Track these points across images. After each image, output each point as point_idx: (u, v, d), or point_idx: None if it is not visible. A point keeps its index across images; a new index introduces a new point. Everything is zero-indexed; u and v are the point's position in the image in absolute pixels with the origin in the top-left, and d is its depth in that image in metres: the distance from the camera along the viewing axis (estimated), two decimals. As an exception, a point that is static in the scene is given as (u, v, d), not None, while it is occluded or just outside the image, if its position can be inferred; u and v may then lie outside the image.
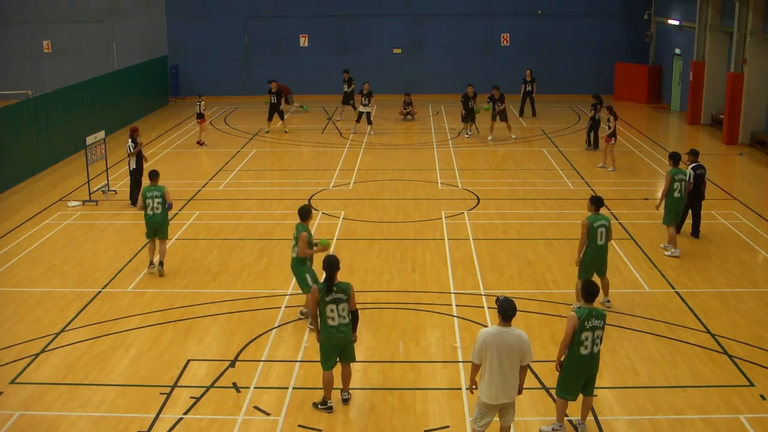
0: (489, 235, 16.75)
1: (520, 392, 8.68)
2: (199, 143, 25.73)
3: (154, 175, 14.79)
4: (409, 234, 16.91)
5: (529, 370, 10.86)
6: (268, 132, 27.57)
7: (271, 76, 30.71)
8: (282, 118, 27.58)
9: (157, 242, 14.68)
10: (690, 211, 16.31)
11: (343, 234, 16.88)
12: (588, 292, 9.32)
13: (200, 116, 25.54)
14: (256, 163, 23.44)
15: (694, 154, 16.27)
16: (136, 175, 18.86)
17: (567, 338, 9.14)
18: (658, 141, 26.20)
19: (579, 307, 9.35)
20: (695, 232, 16.43)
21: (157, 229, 14.53)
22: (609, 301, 13.05)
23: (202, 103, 25.66)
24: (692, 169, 15.94)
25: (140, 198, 14.55)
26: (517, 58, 34.61)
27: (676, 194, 15.26)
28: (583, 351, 9.13)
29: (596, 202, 12.66)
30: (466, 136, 26.96)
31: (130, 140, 18.75)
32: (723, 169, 23.07)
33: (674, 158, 15.58)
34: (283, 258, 15.40)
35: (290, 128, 28.10)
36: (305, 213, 12.15)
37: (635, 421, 9.78)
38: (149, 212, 14.40)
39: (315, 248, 12.15)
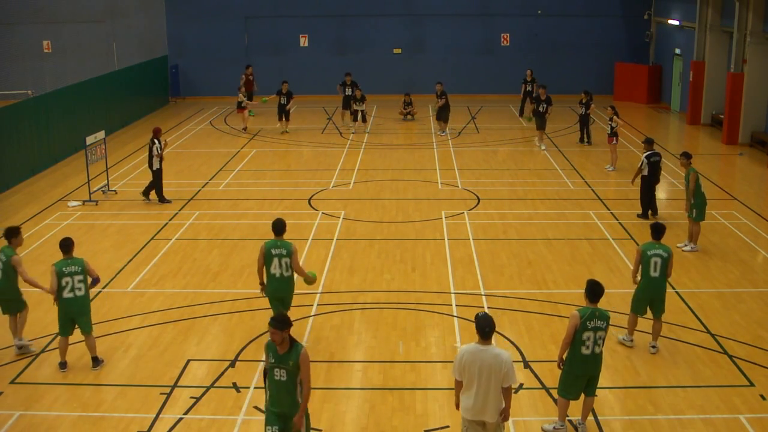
0: (489, 235, 16.75)
1: (505, 418, 8.16)
2: (244, 129, 27.67)
3: (67, 246, 11.25)
4: (409, 234, 16.91)
5: (530, 371, 10.92)
6: (285, 132, 27.47)
7: (271, 76, 30.76)
8: (287, 119, 27.51)
9: (84, 337, 11.26)
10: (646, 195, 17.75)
11: (343, 234, 16.88)
12: (593, 291, 9.25)
13: (240, 107, 27.76)
14: (256, 163, 23.43)
15: (648, 142, 17.73)
16: (158, 175, 19.15)
17: (568, 336, 9.14)
18: (658, 141, 26.05)
19: (582, 307, 9.30)
20: (654, 212, 17.82)
21: (76, 317, 11.03)
22: (655, 347, 11.58)
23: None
24: (646, 157, 17.42)
25: (53, 278, 10.94)
26: (517, 58, 34.61)
27: (702, 189, 15.68)
28: (585, 351, 9.12)
29: (655, 230, 11.61)
30: (441, 134, 27.09)
31: (156, 141, 18.91)
32: (723, 169, 23.07)
33: (687, 156, 15.98)
34: (283, 258, 15.40)
35: (290, 128, 28.07)
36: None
37: (635, 421, 9.78)
38: (67, 294, 10.93)
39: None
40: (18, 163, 21.44)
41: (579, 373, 9.24)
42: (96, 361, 11.29)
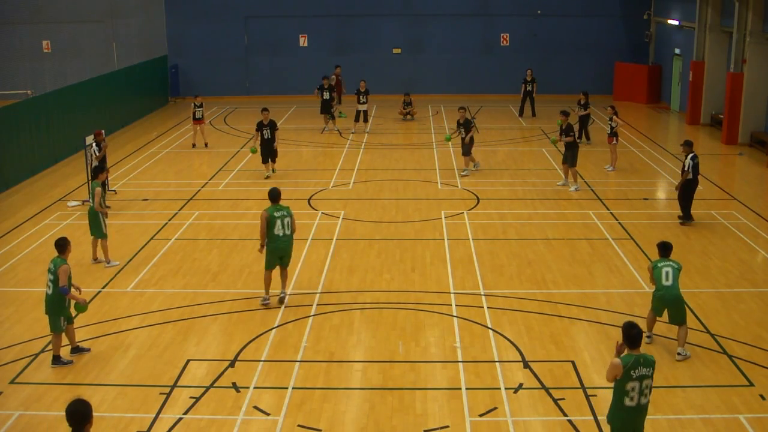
0: (489, 235, 16.75)
1: None
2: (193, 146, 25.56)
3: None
4: (408, 234, 16.92)
5: (530, 371, 10.92)
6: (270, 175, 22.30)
7: (272, 76, 30.73)
8: (273, 159, 22.10)
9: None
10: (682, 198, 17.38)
11: (343, 234, 16.88)
12: (629, 337, 8.13)
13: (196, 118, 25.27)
14: (256, 163, 23.40)
15: (689, 144, 17.38)
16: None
17: (609, 379, 8.24)
18: (658, 141, 26.20)
19: (625, 354, 8.17)
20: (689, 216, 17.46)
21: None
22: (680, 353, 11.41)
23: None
24: (691, 159, 17.01)
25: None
26: (516, 58, 34.61)
27: None
28: (629, 402, 8.05)
29: (662, 248, 11.63)
30: (468, 172, 21.81)
31: (94, 144, 18.53)
32: (723, 169, 23.07)
33: None
34: (282, 258, 15.40)
35: (290, 128, 27.99)
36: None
37: (635, 421, 9.77)
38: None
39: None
40: (18, 163, 21.43)
41: (621, 427, 8.18)
42: (56, 360, 11.24)
